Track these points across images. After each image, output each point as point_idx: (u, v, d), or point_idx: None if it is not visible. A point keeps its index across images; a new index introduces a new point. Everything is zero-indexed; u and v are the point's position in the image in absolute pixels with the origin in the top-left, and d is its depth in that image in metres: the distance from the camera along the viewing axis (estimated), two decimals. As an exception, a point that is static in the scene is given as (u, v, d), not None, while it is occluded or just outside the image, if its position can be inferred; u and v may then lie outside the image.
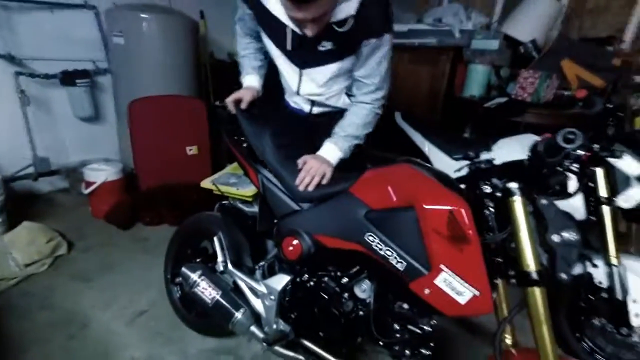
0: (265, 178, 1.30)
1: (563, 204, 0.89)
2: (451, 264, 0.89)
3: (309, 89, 1.43)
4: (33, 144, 2.82)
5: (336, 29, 1.17)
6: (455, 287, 0.89)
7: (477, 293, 0.87)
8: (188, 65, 3.05)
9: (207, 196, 1.87)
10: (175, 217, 2.52)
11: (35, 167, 2.85)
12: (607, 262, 1.36)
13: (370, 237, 1.01)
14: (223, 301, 1.29)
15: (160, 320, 1.74)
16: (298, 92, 1.46)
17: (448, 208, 0.87)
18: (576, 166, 0.87)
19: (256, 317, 1.31)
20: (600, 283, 1.39)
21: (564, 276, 0.83)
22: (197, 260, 1.57)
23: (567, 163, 0.84)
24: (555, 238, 0.83)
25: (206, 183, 1.87)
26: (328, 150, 1.29)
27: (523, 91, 2.55)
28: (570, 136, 0.74)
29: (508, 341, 1.09)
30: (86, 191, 2.61)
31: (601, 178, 1.37)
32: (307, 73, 1.38)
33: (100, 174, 2.60)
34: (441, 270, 0.89)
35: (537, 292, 0.85)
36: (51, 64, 2.78)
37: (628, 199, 1.39)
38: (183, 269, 1.38)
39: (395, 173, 1.07)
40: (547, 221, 0.84)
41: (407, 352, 1.08)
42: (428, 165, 1.08)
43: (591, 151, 1.29)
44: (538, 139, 0.84)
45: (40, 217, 2.49)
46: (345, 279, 1.17)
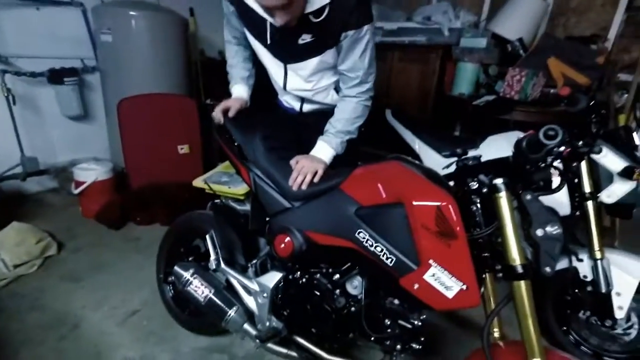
0: (257, 176, 1.30)
1: (548, 199, 0.91)
2: (439, 259, 0.90)
3: (296, 84, 1.44)
4: (20, 144, 2.77)
5: (312, 20, 1.17)
6: (443, 282, 0.90)
7: (465, 287, 0.89)
8: (178, 63, 3.02)
9: (199, 195, 1.87)
10: (166, 216, 2.50)
11: (23, 167, 2.80)
12: (592, 257, 1.39)
13: (360, 234, 1.02)
14: (216, 299, 1.30)
15: (152, 319, 1.74)
16: (285, 88, 1.47)
17: (436, 204, 0.89)
18: (559, 162, 0.89)
19: (249, 315, 1.32)
20: (585, 277, 1.42)
21: (548, 270, 0.85)
22: (190, 258, 1.57)
23: (550, 159, 0.85)
24: (539, 232, 0.85)
25: (198, 182, 1.87)
26: (321, 149, 1.31)
27: (510, 89, 2.59)
28: (551, 132, 0.76)
29: (496, 334, 1.11)
30: (76, 191, 2.58)
31: (585, 174, 1.40)
32: (292, 68, 1.38)
33: (90, 174, 2.57)
34: (430, 265, 0.91)
35: (523, 286, 0.87)
36: (38, 62, 2.75)
37: (611, 195, 1.43)
38: (176, 268, 1.38)
39: (385, 170, 1.09)
40: (531, 216, 0.86)
41: (399, 347, 1.10)
42: (417, 162, 1.09)
43: (573, 147, 1.32)
44: (522, 136, 0.86)
45: (29, 218, 2.46)
46: (336, 276, 1.18)
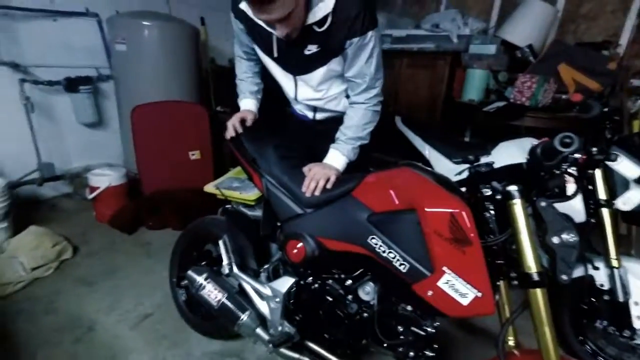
0: (269, 182, 1.32)
1: (563, 207, 0.90)
2: (453, 266, 0.90)
3: (306, 94, 1.46)
4: (38, 150, 2.85)
5: (316, 30, 1.18)
6: (457, 289, 0.90)
7: (480, 294, 0.89)
8: (189, 71, 3.08)
9: (210, 200, 1.89)
10: (178, 222, 2.54)
11: (40, 173, 2.87)
12: (608, 265, 1.37)
13: (373, 240, 1.02)
14: (229, 303, 1.31)
15: (165, 323, 1.76)
16: (296, 99, 1.49)
17: (449, 211, 0.89)
18: (574, 169, 0.89)
19: (261, 320, 1.33)
20: (601, 285, 1.40)
21: (565, 277, 0.84)
22: (202, 263, 1.59)
23: (565, 166, 0.85)
24: (554, 240, 0.84)
25: (209, 187, 1.88)
26: (333, 156, 1.32)
27: (521, 95, 2.57)
28: (567, 140, 0.76)
29: (511, 343, 1.10)
30: (90, 196, 2.63)
31: (600, 181, 1.38)
32: (301, 79, 1.40)
33: (104, 179, 2.62)
34: (444, 272, 0.90)
35: (539, 294, 0.86)
36: (55, 71, 2.82)
37: (627, 202, 1.40)
38: (189, 272, 1.40)
39: (396, 177, 1.09)
40: (547, 223, 0.85)
41: (411, 354, 1.09)
42: (429, 169, 1.09)
43: (588, 154, 1.30)
44: (536, 143, 0.86)
45: (45, 222, 2.50)
46: (349, 282, 1.18)
